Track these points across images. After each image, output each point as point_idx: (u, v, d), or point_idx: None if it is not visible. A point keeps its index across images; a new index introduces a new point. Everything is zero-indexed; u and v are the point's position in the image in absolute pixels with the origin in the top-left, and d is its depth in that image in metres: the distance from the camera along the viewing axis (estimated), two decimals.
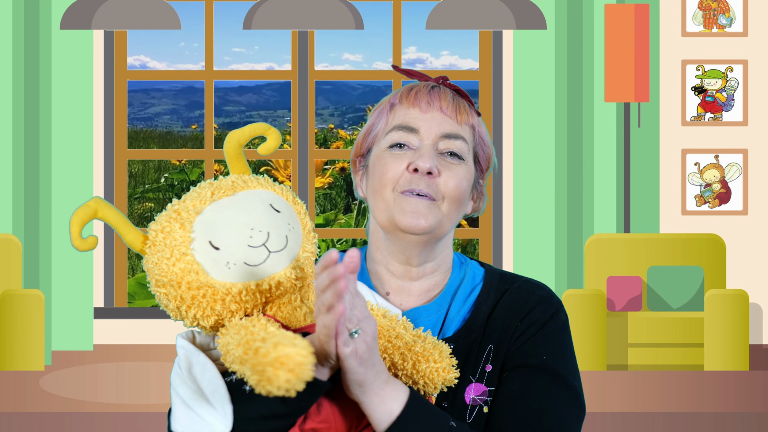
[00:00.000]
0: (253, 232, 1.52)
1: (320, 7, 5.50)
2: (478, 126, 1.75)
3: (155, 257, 1.52)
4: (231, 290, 1.51)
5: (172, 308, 1.53)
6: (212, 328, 1.54)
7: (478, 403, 1.66)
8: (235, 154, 1.62)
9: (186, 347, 1.55)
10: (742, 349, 5.28)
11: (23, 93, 5.67)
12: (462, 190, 1.69)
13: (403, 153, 1.69)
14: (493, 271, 1.76)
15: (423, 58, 9.35)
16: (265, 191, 1.58)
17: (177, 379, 1.53)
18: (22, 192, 5.67)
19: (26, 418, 4.53)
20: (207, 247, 1.51)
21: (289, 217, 1.57)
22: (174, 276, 1.51)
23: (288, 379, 1.39)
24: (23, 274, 5.58)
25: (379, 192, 1.69)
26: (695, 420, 4.57)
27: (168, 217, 1.54)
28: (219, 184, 1.57)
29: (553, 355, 1.67)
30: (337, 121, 9.85)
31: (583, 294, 5.28)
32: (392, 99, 1.74)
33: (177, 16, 5.57)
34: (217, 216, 1.53)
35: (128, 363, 5.55)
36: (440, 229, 1.68)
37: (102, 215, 1.55)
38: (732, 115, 5.89)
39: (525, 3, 5.49)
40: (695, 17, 5.88)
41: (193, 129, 10.05)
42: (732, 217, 5.89)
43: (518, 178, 5.82)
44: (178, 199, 1.58)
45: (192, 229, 1.52)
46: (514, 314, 1.69)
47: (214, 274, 1.51)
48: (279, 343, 1.40)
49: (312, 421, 1.54)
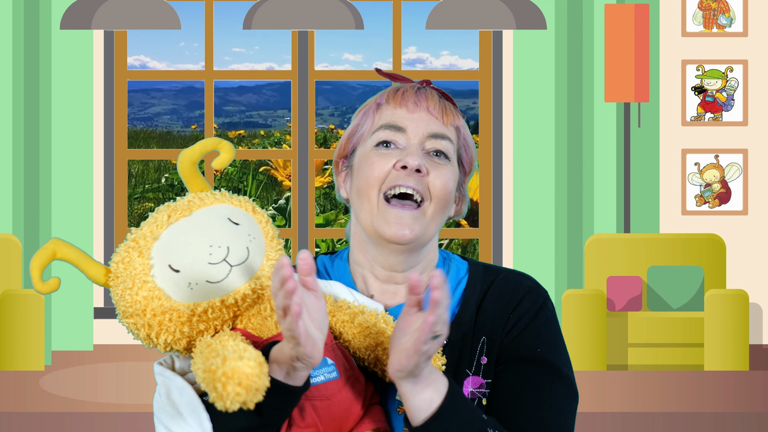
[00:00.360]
0: (212, 249, 1.52)
1: (320, 7, 5.50)
2: (463, 128, 1.74)
3: (119, 289, 1.53)
4: (196, 310, 1.51)
5: (142, 336, 1.53)
6: (186, 351, 1.55)
7: (477, 396, 1.66)
8: (190, 172, 1.62)
9: (163, 373, 1.55)
10: (742, 349, 5.28)
11: (23, 93, 5.67)
12: (449, 190, 1.68)
13: (389, 152, 1.68)
14: (477, 264, 1.76)
15: (423, 58, 9.35)
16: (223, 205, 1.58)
17: (157, 406, 1.54)
18: (22, 192, 5.67)
19: (26, 418, 4.53)
20: (167, 271, 1.51)
21: (248, 228, 1.56)
22: (138, 305, 1.51)
23: (238, 392, 1.39)
24: (23, 274, 5.58)
25: (365, 193, 1.67)
26: (695, 420, 4.57)
27: (126, 247, 1.54)
28: (175, 206, 1.57)
29: (546, 346, 1.68)
30: (337, 121, 9.85)
31: (583, 294, 5.28)
32: (378, 99, 1.73)
33: (177, 16, 5.57)
34: (175, 238, 1.53)
35: (128, 363, 5.55)
36: (425, 236, 1.68)
37: (61, 255, 1.54)
38: (732, 115, 5.89)
39: (525, 3, 5.49)
40: (695, 17, 5.88)
41: (193, 129, 10.05)
42: (732, 217, 5.89)
43: (518, 178, 5.82)
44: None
45: (150, 255, 1.52)
46: (504, 306, 1.69)
47: (176, 297, 1.51)
48: (226, 358, 1.40)
49: (297, 428, 1.54)
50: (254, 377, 1.40)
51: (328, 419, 1.55)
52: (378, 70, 1.78)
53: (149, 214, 1.58)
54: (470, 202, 1.80)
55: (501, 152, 5.96)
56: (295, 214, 6.15)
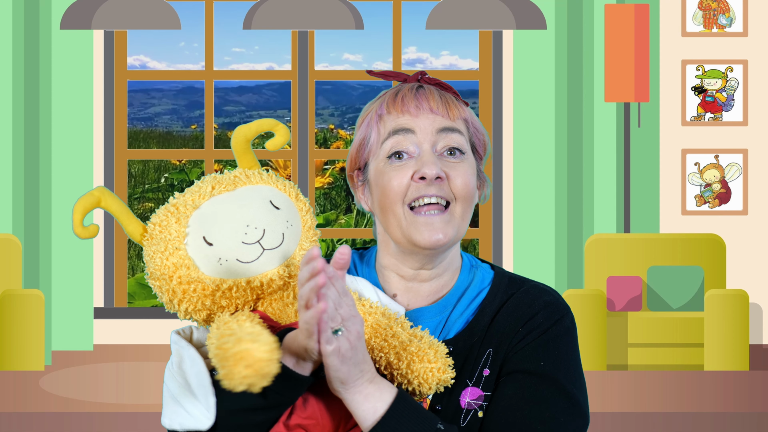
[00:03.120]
0: (248, 229, 1.52)
1: (320, 7, 5.50)
2: (470, 117, 1.72)
3: (151, 250, 1.54)
4: (221, 286, 1.52)
5: (165, 300, 1.55)
6: (205, 322, 1.56)
7: (473, 408, 1.64)
8: (242, 149, 1.62)
9: (178, 342, 1.56)
10: (742, 349, 5.28)
11: (23, 93, 5.67)
12: (471, 187, 1.67)
13: (403, 164, 1.66)
14: (503, 275, 1.73)
15: (423, 58, 9.34)
16: (267, 187, 1.58)
17: (168, 373, 1.55)
18: (22, 192, 5.67)
19: (26, 418, 4.53)
20: (200, 242, 1.52)
21: (288, 214, 1.57)
22: (166, 270, 1.52)
23: (246, 375, 1.40)
24: (23, 274, 5.58)
25: (390, 209, 1.66)
26: (695, 420, 4.57)
27: (166, 211, 1.55)
28: (221, 179, 1.58)
29: (551, 361, 1.63)
30: (337, 121, 9.85)
31: (583, 294, 5.28)
32: (378, 109, 1.70)
33: (177, 16, 5.57)
34: (214, 211, 1.54)
35: (128, 363, 5.55)
36: (458, 236, 1.67)
37: (105, 204, 1.55)
38: (732, 115, 5.89)
39: (525, 3, 5.49)
40: (695, 17, 5.88)
41: (193, 129, 10.05)
42: (732, 217, 5.89)
43: (518, 178, 5.82)
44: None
45: (187, 224, 1.53)
46: (517, 319, 1.66)
47: (205, 269, 1.52)
48: (241, 339, 1.41)
49: (297, 417, 1.54)
50: (264, 362, 1.40)
51: (328, 414, 1.55)
52: (370, 72, 1.76)
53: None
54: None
55: (501, 152, 5.96)
56: None
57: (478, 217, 6.10)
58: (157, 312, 6.04)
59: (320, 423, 1.55)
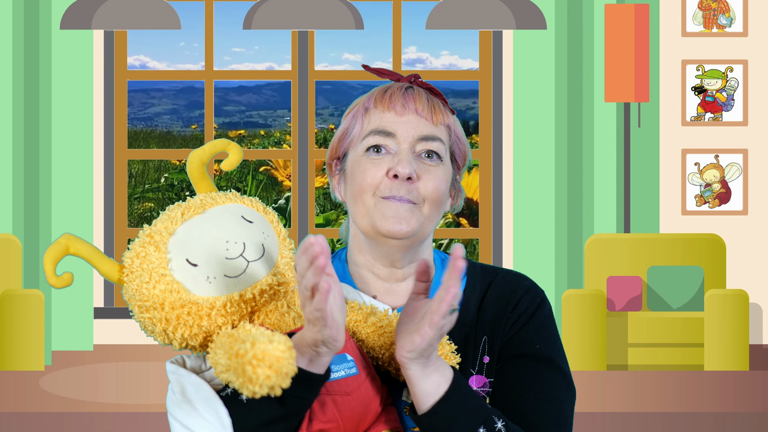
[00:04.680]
0: (228, 244, 1.53)
1: (320, 7, 5.50)
2: (454, 125, 1.74)
3: (134, 284, 1.52)
4: (215, 304, 1.51)
5: (158, 332, 1.52)
6: (201, 347, 1.54)
7: (482, 395, 1.68)
8: (199, 173, 1.63)
9: (176, 371, 1.55)
10: (742, 349, 5.28)
11: (23, 93, 5.67)
12: (441, 192, 1.69)
13: (381, 158, 1.68)
14: (474, 265, 1.77)
15: (423, 58, 9.34)
16: (235, 204, 1.59)
17: (171, 404, 1.53)
18: (22, 192, 5.67)
19: (26, 418, 4.53)
20: (185, 264, 1.51)
21: (262, 226, 1.58)
22: (156, 298, 1.50)
23: (268, 375, 1.39)
24: (23, 274, 5.58)
25: (359, 197, 1.68)
26: (695, 420, 4.57)
27: (142, 243, 1.54)
28: (188, 204, 1.57)
29: (544, 342, 1.70)
30: (337, 121, 9.84)
31: (583, 294, 5.28)
32: (366, 102, 1.72)
33: (177, 16, 5.57)
34: (191, 234, 1.54)
35: (128, 363, 5.55)
36: (422, 231, 1.68)
37: (74, 251, 1.54)
38: (732, 115, 5.89)
39: (525, 3, 5.49)
40: (695, 17, 5.88)
41: (193, 129, 10.05)
42: (732, 217, 5.89)
43: (518, 178, 5.82)
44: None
45: (167, 249, 1.52)
46: (504, 305, 1.72)
47: (195, 290, 1.51)
48: (256, 341, 1.40)
49: (318, 422, 1.54)
50: (285, 360, 1.39)
51: (348, 415, 1.55)
52: (365, 66, 1.78)
53: (160, 211, 1.58)
54: (468, 199, 1.80)
55: (501, 152, 5.96)
56: (295, 214, 6.15)
57: (478, 217, 6.10)
58: None
59: (341, 425, 1.55)
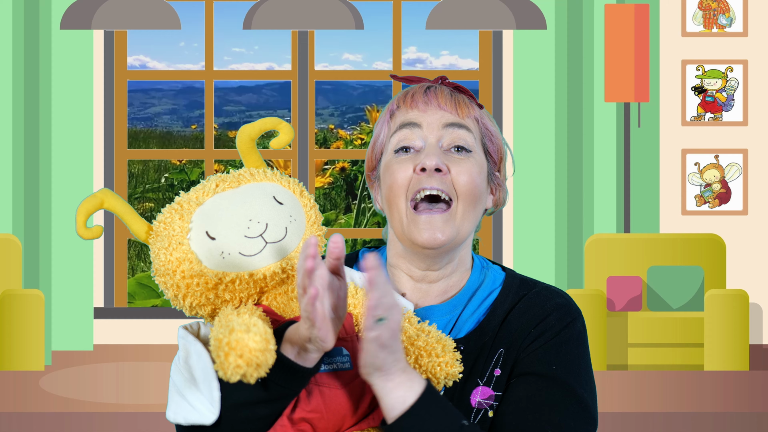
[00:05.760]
0: (251, 223, 1.54)
1: (320, 7, 5.50)
2: (482, 118, 1.73)
3: (156, 247, 1.56)
4: (223, 279, 1.52)
5: (170, 296, 1.56)
6: (210, 317, 1.57)
7: (484, 407, 1.64)
8: (247, 148, 1.64)
9: (185, 337, 1.56)
10: (742, 349, 5.28)
11: (23, 93, 5.67)
12: (475, 185, 1.66)
13: (408, 157, 1.67)
14: (514, 276, 1.73)
15: (423, 58, 9.34)
16: (271, 184, 1.60)
17: (174, 368, 1.55)
18: (22, 192, 5.67)
19: (26, 418, 4.53)
20: (203, 237, 1.54)
21: (291, 209, 1.58)
22: (170, 265, 1.54)
23: (238, 365, 1.41)
24: (23, 274, 5.58)
25: (393, 202, 1.67)
26: (695, 420, 4.57)
27: (170, 209, 1.58)
28: (225, 177, 1.60)
29: (563, 364, 1.63)
30: (337, 121, 9.84)
31: (583, 294, 5.28)
32: (391, 106, 1.73)
33: (177, 16, 5.57)
34: (217, 207, 1.56)
35: (128, 363, 5.56)
36: (459, 236, 1.66)
37: (109, 206, 1.58)
38: (732, 115, 5.89)
39: (525, 3, 5.49)
40: (695, 17, 5.88)
41: (193, 129, 10.06)
42: (732, 217, 5.89)
43: (518, 178, 5.82)
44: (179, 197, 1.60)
45: (191, 219, 1.55)
46: (529, 320, 1.66)
47: (207, 263, 1.53)
48: (233, 329, 1.42)
49: (301, 410, 1.54)
50: (257, 352, 1.41)
51: (334, 408, 1.55)
52: (393, 75, 1.78)
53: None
54: None
55: None
56: None
57: None
58: (157, 312, 6.04)
59: (324, 417, 1.55)
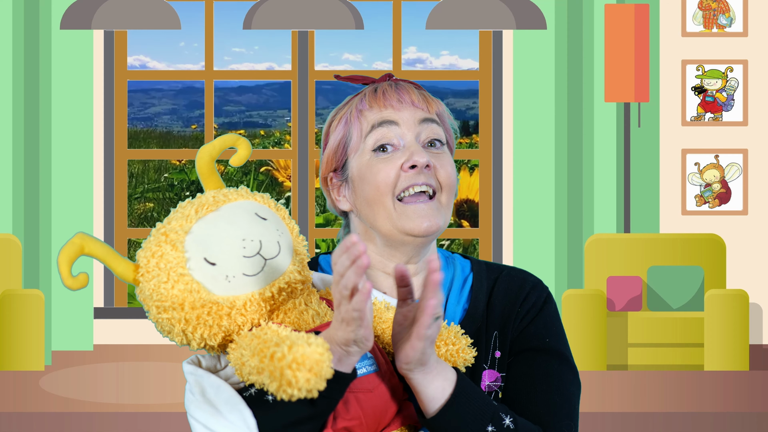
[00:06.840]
0: (245, 243, 1.51)
1: (320, 7, 5.50)
2: (443, 113, 1.76)
3: (151, 284, 1.50)
4: (235, 303, 1.50)
5: (177, 332, 1.50)
6: (220, 347, 1.53)
7: (493, 389, 1.70)
8: (209, 170, 1.61)
9: (195, 372, 1.53)
10: (742, 349, 5.28)
11: (23, 93, 5.67)
12: (454, 177, 1.72)
13: (390, 155, 1.69)
14: (479, 262, 1.79)
15: (423, 58, 9.34)
16: (247, 201, 1.58)
17: (192, 406, 1.52)
18: (22, 192, 5.67)
19: (26, 418, 4.53)
20: (203, 264, 1.50)
21: (275, 223, 1.57)
22: (175, 299, 1.48)
23: (308, 379, 1.39)
24: (23, 274, 5.58)
25: (379, 201, 1.68)
26: (695, 420, 4.57)
27: (157, 241, 1.52)
28: (200, 202, 1.55)
29: (553, 336, 1.73)
30: None
31: (583, 294, 5.28)
32: (359, 105, 1.74)
33: (177, 16, 5.57)
34: (207, 232, 1.52)
35: (128, 363, 5.55)
36: (444, 225, 1.71)
37: (89, 251, 1.51)
38: (732, 115, 5.89)
39: (525, 3, 5.49)
40: (695, 17, 5.88)
41: (193, 129, 10.05)
42: (732, 217, 5.89)
43: (518, 178, 5.82)
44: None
45: (184, 248, 1.50)
46: (512, 300, 1.74)
47: (215, 290, 1.49)
48: (294, 344, 1.39)
49: (342, 420, 1.54)
50: (324, 363, 1.39)
51: (371, 411, 1.56)
52: (337, 76, 1.81)
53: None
54: (469, 199, 1.82)
55: (501, 152, 5.96)
56: (295, 214, 6.15)
57: (478, 217, 6.10)
58: None
59: (364, 422, 1.55)
